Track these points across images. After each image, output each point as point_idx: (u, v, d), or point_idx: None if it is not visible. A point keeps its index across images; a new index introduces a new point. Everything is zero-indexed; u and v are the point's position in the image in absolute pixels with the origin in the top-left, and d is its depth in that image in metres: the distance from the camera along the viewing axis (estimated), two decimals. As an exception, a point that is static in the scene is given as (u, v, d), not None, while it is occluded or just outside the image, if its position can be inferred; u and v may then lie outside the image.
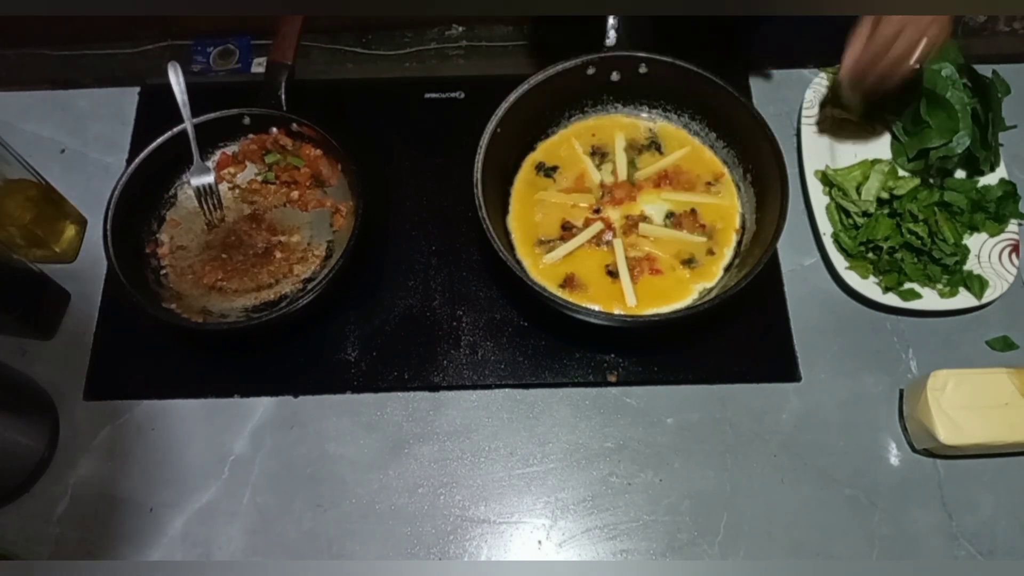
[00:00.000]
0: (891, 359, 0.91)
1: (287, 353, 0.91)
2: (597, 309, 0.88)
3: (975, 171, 0.98)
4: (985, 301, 0.90)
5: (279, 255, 0.93)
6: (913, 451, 0.86)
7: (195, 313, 0.88)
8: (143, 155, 0.92)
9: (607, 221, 0.94)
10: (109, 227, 0.87)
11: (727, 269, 0.92)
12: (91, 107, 1.07)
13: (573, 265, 0.92)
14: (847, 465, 0.86)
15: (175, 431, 0.87)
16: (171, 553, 0.82)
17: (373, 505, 0.84)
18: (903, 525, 0.83)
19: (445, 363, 0.91)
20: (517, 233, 0.94)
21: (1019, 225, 0.95)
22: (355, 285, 0.94)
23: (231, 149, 0.99)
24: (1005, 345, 0.91)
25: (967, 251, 0.92)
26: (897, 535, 0.82)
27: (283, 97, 0.96)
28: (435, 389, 0.90)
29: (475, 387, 0.90)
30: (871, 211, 0.94)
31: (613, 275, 0.91)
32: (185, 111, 0.93)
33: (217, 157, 0.98)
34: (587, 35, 0.95)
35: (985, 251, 0.93)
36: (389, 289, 0.95)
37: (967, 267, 0.92)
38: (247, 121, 0.97)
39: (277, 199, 0.97)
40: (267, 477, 0.85)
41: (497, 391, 0.89)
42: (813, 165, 0.98)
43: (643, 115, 1.01)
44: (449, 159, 1.02)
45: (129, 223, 0.91)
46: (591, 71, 0.95)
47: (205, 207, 0.96)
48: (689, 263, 0.92)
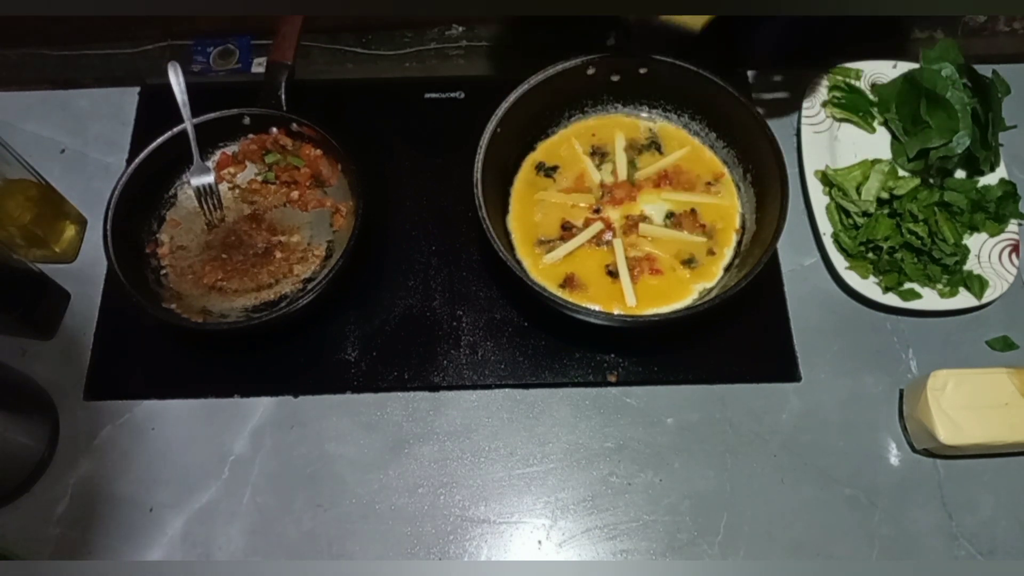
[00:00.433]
0: (891, 359, 0.91)
1: (287, 353, 0.91)
2: (597, 309, 0.88)
3: (975, 171, 0.98)
4: (985, 301, 0.90)
5: (279, 255, 0.93)
6: (913, 451, 0.86)
7: (195, 313, 0.88)
8: (143, 155, 0.92)
9: (607, 221, 0.94)
10: (109, 227, 0.87)
11: (727, 269, 0.92)
12: (91, 107, 1.07)
13: (573, 265, 0.92)
14: (847, 465, 0.86)
15: (175, 431, 0.87)
16: (171, 553, 0.82)
17: (373, 505, 0.84)
18: (903, 525, 0.83)
19: (445, 363, 0.91)
20: (517, 233, 0.94)
21: (1019, 225, 0.95)
22: (355, 285, 0.94)
23: (231, 149, 0.99)
24: (1005, 345, 0.91)
25: (967, 251, 0.92)
26: (897, 535, 0.82)
27: (283, 97, 0.96)
28: (435, 389, 0.90)
29: (475, 387, 0.90)
30: (871, 211, 0.94)
31: (613, 275, 0.91)
32: (185, 111, 0.93)
33: (217, 157, 0.98)
34: (587, 35, 0.95)
35: (985, 251, 0.93)
36: (389, 289, 0.95)
37: (967, 267, 0.92)
38: (247, 121, 0.97)
39: (277, 199, 0.97)
40: (267, 477, 0.85)
41: (497, 391, 0.89)
42: (813, 165, 0.98)
43: (643, 115, 1.01)
44: (449, 159, 1.02)
45: (129, 223, 0.91)
46: (591, 71, 0.95)
47: (205, 207, 0.96)
48: (689, 263, 0.92)
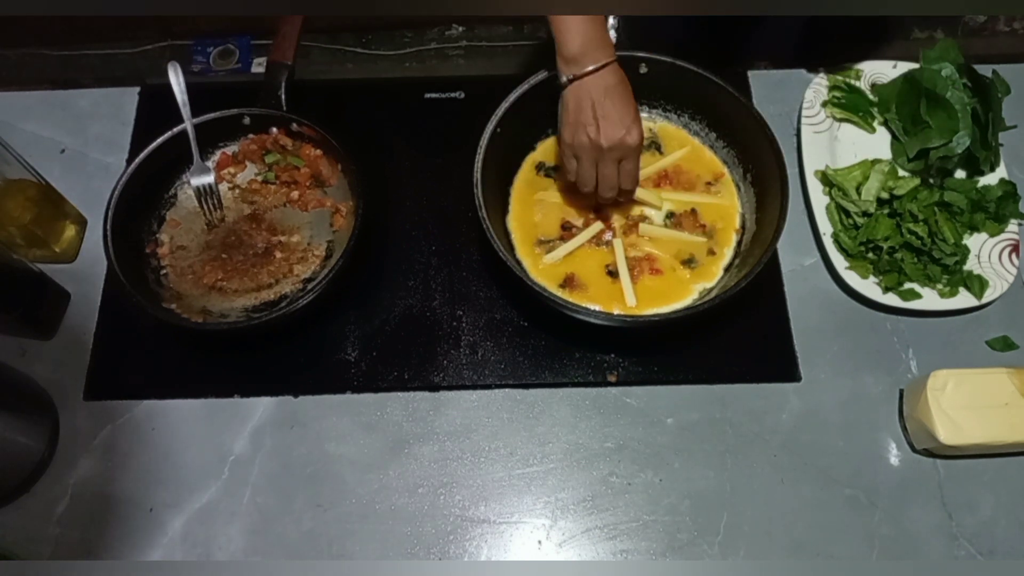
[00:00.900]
0: (891, 359, 0.91)
1: (287, 353, 0.91)
2: (597, 309, 0.88)
3: (975, 171, 0.98)
4: (985, 301, 0.90)
5: (279, 255, 0.93)
6: (913, 451, 0.86)
7: (195, 313, 0.88)
8: (143, 155, 0.92)
9: (607, 221, 0.94)
10: (109, 227, 0.87)
11: (727, 269, 0.92)
12: (91, 107, 1.07)
13: (573, 265, 0.92)
14: (847, 465, 0.85)
15: (175, 431, 0.87)
16: (171, 553, 0.82)
17: (373, 505, 0.84)
18: (903, 525, 0.83)
19: (445, 363, 0.91)
20: (517, 233, 0.94)
21: (1019, 225, 0.95)
22: (355, 285, 0.94)
23: (231, 149, 0.99)
24: (1005, 345, 0.91)
25: (967, 251, 0.92)
26: (897, 535, 0.82)
27: (283, 97, 0.96)
28: (435, 389, 0.90)
29: (475, 387, 0.90)
30: (871, 211, 0.94)
31: (613, 275, 0.91)
32: (185, 111, 0.93)
33: (217, 157, 0.98)
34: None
35: (985, 251, 0.93)
36: (389, 289, 0.95)
37: (967, 267, 0.92)
38: (247, 121, 0.97)
39: (277, 199, 0.97)
40: (267, 477, 0.85)
41: (497, 391, 0.89)
42: (813, 165, 0.98)
43: (643, 115, 1.00)
44: (449, 159, 1.02)
45: (129, 223, 0.91)
46: (591, 71, 0.95)
47: (205, 207, 0.96)
48: (689, 263, 0.92)
